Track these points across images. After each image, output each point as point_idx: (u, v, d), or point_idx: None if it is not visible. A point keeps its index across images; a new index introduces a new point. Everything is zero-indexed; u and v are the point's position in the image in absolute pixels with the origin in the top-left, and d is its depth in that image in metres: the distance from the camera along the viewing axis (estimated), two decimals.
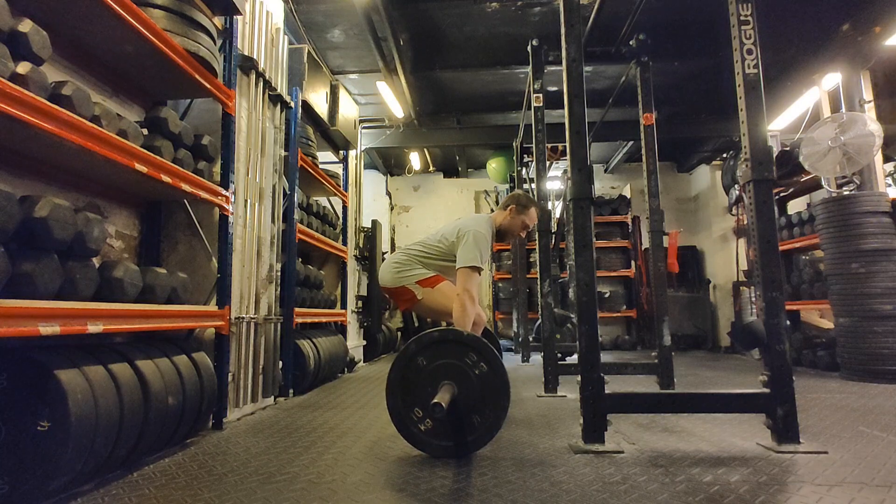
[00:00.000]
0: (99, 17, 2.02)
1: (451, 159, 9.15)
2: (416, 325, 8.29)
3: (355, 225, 6.27)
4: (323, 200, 5.17)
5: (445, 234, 2.72)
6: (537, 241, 3.99)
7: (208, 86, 2.59)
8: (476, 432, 2.05)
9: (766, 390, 2.14)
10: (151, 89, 2.73)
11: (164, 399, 1.97)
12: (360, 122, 6.57)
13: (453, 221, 2.81)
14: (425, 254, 2.71)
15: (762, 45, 2.29)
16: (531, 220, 2.86)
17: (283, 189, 3.66)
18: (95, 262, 1.88)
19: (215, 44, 2.68)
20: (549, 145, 5.70)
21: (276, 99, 3.57)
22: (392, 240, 9.30)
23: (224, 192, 2.69)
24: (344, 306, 5.30)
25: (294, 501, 1.59)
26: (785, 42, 5.19)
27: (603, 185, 9.31)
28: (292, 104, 3.79)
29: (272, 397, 3.35)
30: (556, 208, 8.00)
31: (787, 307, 2.73)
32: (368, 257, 6.71)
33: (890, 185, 5.58)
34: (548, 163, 5.15)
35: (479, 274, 2.55)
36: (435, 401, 1.82)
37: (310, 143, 4.45)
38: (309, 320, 4.13)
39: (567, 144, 2.35)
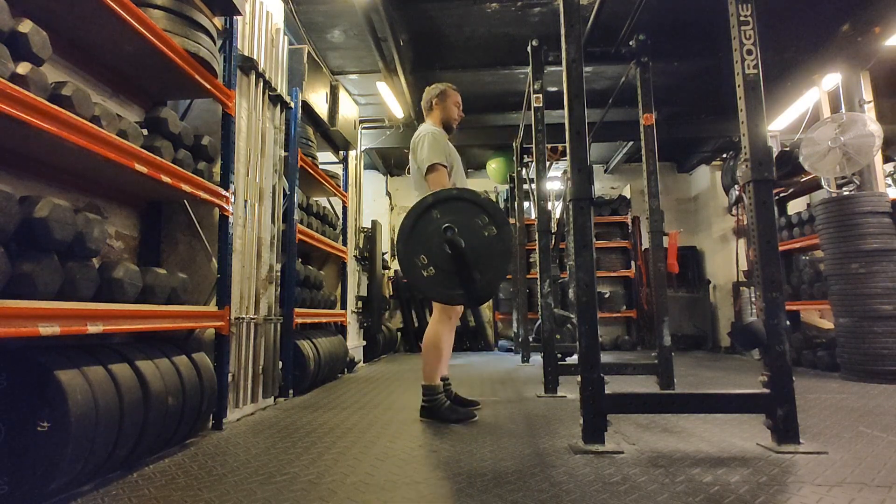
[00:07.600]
0: (99, 18, 2.02)
1: None
2: (416, 325, 8.29)
3: (355, 225, 6.27)
4: (323, 201, 5.17)
5: (414, 168, 2.84)
6: (537, 241, 3.99)
7: (208, 86, 2.59)
8: (473, 286, 2.12)
9: (766, 391, 2.14)
10: (151, 89, 2.73)
11: (164, 399, 1.97)
12: (360, 122, 6.57)
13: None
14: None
15: (762, 46, 2.28)
16: (455, 97, 3.03)
17: (283, 189, 3.66)
18: (95, 262, 1.88)
19: (215, 44, 2.68)
20: (549, 146, 5.70)
21: (276, 99, 3.57)
22: (392, 240, 9.30)
23: (224, 192, 2.69)
24: (344, 307, 5.30)
25: (294, 502, 1.59)
26: (785, 42, 5.19)
27: (603, 186, 9.30)
28: (292, 104, 3.79)
29: (272, 398, 3.35)
30: (556, 208, 8.00)
31: (787, 307, 2.73)
32: (368, 258, 6.71)
33: (890, 186, 5.58)
34: (548, 163, 5.15)
35: (447, 171, 2.66)
36: (446, 224, 1.98)
37: (310, 143, 4.45)
38: (309, 321, 4.13)
39: (567, 145, 2.35)
